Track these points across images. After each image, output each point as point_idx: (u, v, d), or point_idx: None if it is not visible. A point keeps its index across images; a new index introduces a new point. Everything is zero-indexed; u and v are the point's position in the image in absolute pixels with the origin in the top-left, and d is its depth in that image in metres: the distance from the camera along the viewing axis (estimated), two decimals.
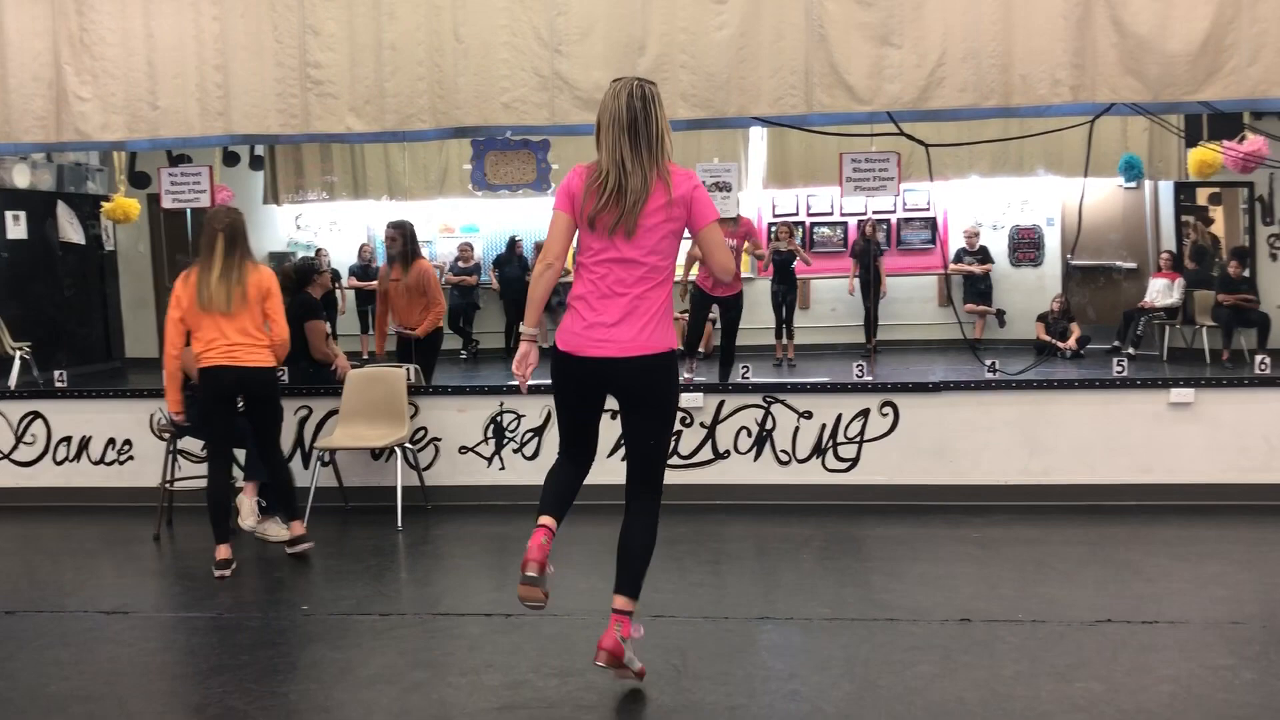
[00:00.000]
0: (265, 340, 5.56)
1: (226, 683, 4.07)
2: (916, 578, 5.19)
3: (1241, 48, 5.85)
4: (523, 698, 3.86)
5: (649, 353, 3.77)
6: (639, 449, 3.91)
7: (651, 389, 3.84)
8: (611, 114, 3.74)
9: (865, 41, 6.10)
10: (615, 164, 3.72)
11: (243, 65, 6.46)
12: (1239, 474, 6.38)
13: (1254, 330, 11.37)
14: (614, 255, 3.75)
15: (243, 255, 5.53)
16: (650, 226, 3.73)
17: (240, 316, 5.47)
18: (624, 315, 3.75)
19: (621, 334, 3.75)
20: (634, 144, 3.71)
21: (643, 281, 3.76)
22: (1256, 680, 3.86)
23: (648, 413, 3.86)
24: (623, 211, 3.70)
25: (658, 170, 3.74)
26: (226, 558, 5.48)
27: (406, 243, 7.79)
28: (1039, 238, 14.12)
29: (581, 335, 3.79)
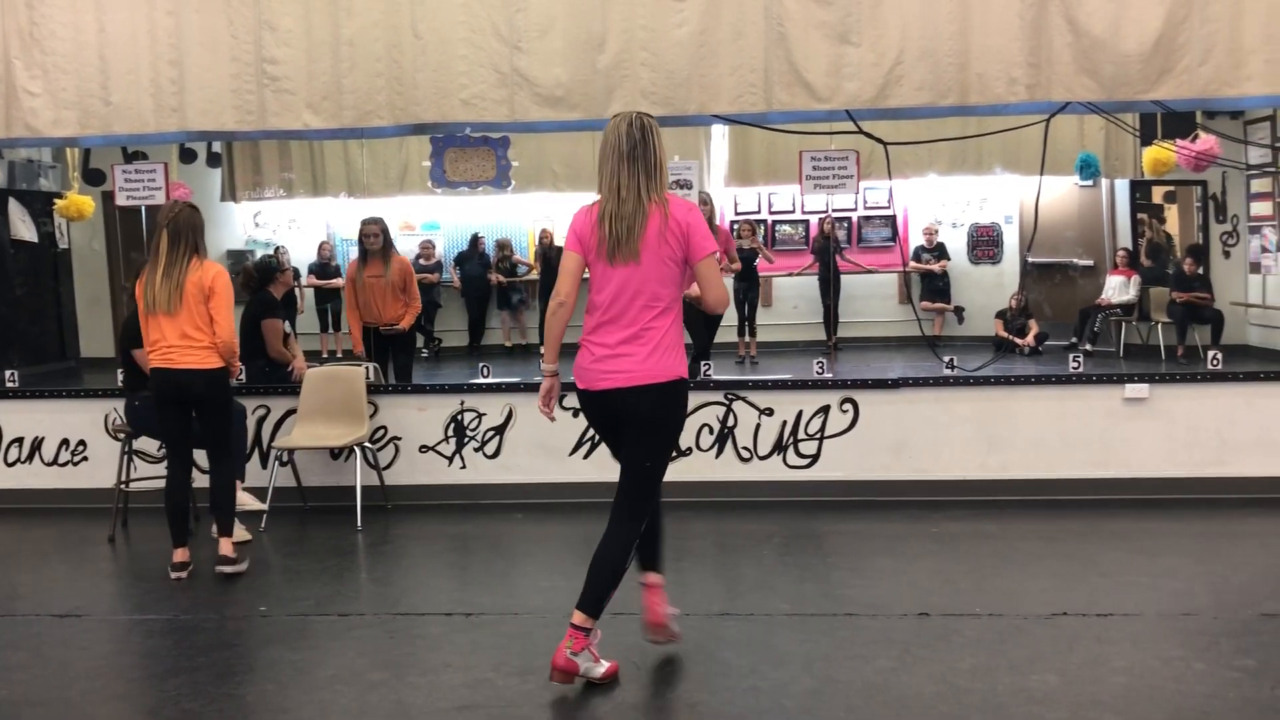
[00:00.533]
0: (206, 341, 5.31)
1: (182, 685, 4.02)
2: (876, 573, 5.23)
3: (1193, 48, 5.94)
4: (482, 697, 3.85)
5: (657, 381, 3.81)
6: (633, 467, 3.93)
7: (656, 416, 3.87)
8: (611, 144, 3.84)
9: (824, 40, 6.13)
10: (612, 190, 3.80)
11: (197, 61, 6.39)
12: (1192, 468, 6.48)
13: (1208, 327, 11.54)
14: (618, 285, 3.80)
15: (188, 252, 5.29)
16: (650, 253, 3.77)
17: (180, 317, 5.26)
18: (631, 345, 3.81)
19: (628, 364, 3.81)
20: (631, 170, 3.79)
21: (647, 310, 3.80)
22: (1207, 670, 3.92)
23: (650, 438, 3.90)
24: (621, 237, 3.76)
25: (655, 198, 3.79)
26: (183, 561, 5.37)
27: (387, 239, 7.82)
28: (997, 235, 14.26)
29: (592, 370, 3.88)
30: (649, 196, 3.79)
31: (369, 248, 7.78)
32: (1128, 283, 12.39)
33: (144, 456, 6.79)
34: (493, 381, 7.05)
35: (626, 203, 3.77)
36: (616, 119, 3.89)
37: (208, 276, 5.31)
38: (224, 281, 5.37)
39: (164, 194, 6.97)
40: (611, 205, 3.79)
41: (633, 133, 3.82)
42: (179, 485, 5.50)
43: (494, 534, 6.22)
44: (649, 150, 3.82)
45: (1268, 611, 4.49)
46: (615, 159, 3.82)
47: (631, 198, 3.77)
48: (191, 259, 5.30)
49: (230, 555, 5.40)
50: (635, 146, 3.80)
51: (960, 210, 14.30)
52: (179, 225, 5.30)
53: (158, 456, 6.83)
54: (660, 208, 3.79)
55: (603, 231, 3.79)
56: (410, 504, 6.72)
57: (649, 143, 3.83)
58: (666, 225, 3.77)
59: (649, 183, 3.80)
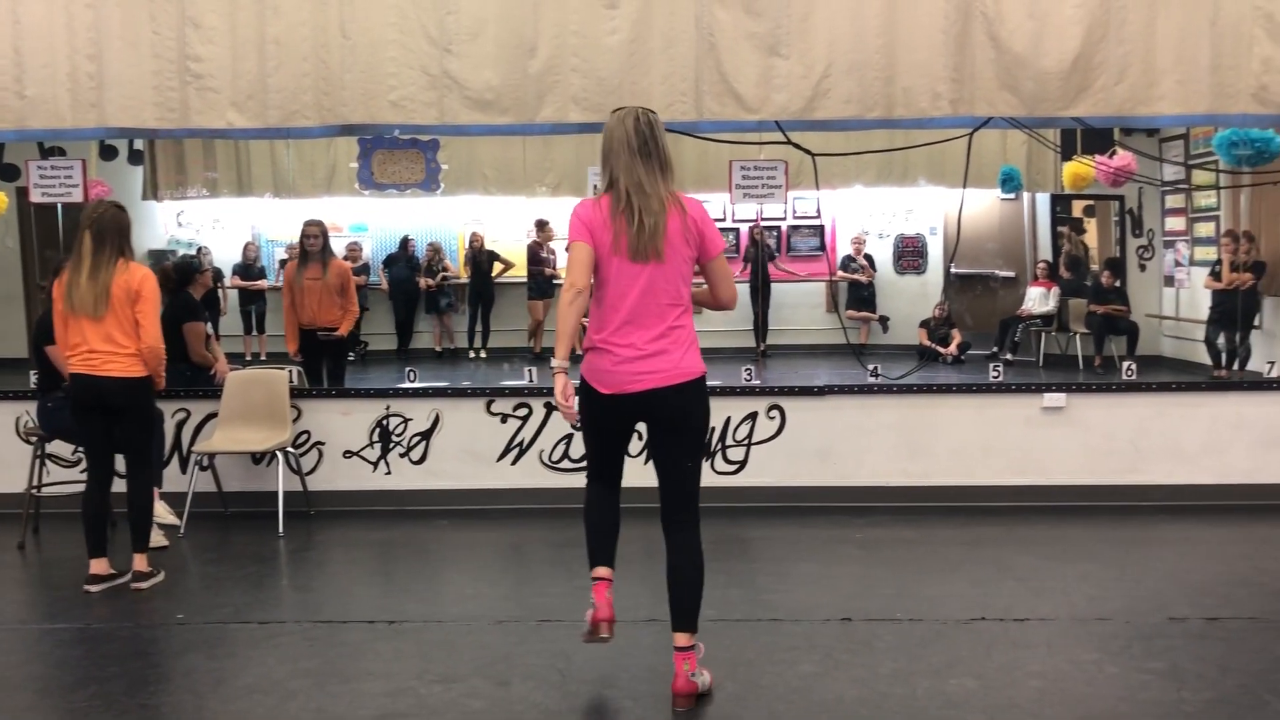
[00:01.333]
0: (131, 347, 5.13)
1: (93, 696, 3.92)
2: (800, 578, 5.28)
3: (1109, 67, 6.10)
4: (405, 706, 3.81)
5: (690, 378, 3.73)
6: (677, 471, 3.82)
7: (691, 414, 3.80)
8: (621, 140, 3.72)
9: (754, 51, 6.18)
10: (634, 186, 3.68)
11: (118, 56, 6.24)
12: (1107, 476, 6.64)
13: (1124, 338, 11.86)
14: (643, 283, 3.69)
15: (113, 253, 5.11)
16: (674, 251, 3.70)
17: (105, 321, 5.07)
18: (661, 343, 3.70)
19: (661, 363, 3.69)
20: (648, 166, 3.70)
21: (673, 308, 3.73)
22: (1119, 674, 4.02)
23: (687, 436, 3.81)
24: (649, 234, 3.65)
25: (670, 194, 3.73)
26: (99, 573, 5.16)
27: (327, 241, 7.83)
28: (922, 246, 14.51)
29: (617, 372, 3.71)
30: (667, 192, 3.72)
31: (309, 249, 7.76)
32: (1047, 294, 12.68)
33: (57, 460, 6.60)
34: (420, 386, 6.99)
35: (653, 199, 3.67)
36: (620, 114, 3.78)
37: (135, 280, 5.12)
38: (151, 285, 5.19)
39: (82, 191, 6.80)
40: (639, 200, 3.66)
41: (641, 129, 3.72)
42: (97, 494, 5.28)
43: (419, 541, 6.16)
44: (660, 146, 3.74)
45: (1176, 615, 4.63)
46: (628, 154, 3.70)
47: (655, 195, 3.68)
48: (117, 261, 5.11)
49: (144, 570, 5.21)
50: (646, 142, 3.71)
51: (886, 221, 14.54)
52: (103, 226, 5.11)
53: (71, 460, 6.65)
54: (676, 204, 3.73)
55: (622, 226, 3.67)
56: (334, 510, 6.63)
57: (659, 139, 3.75)
58: (685, 222, 3.72)
59: (665, 178, 3.73)
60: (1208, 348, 10.62)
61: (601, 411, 3.79)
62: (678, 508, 3.83)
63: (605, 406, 3.76)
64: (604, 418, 3.82)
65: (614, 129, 3.76)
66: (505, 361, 13.36)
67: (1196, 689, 3.86)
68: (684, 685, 3.72)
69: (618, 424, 3.84)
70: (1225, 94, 6.08)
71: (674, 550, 3.83)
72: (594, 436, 3.91)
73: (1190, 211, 12.17)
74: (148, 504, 5.39)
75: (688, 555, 3.81)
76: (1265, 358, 8.58)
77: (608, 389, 3.73)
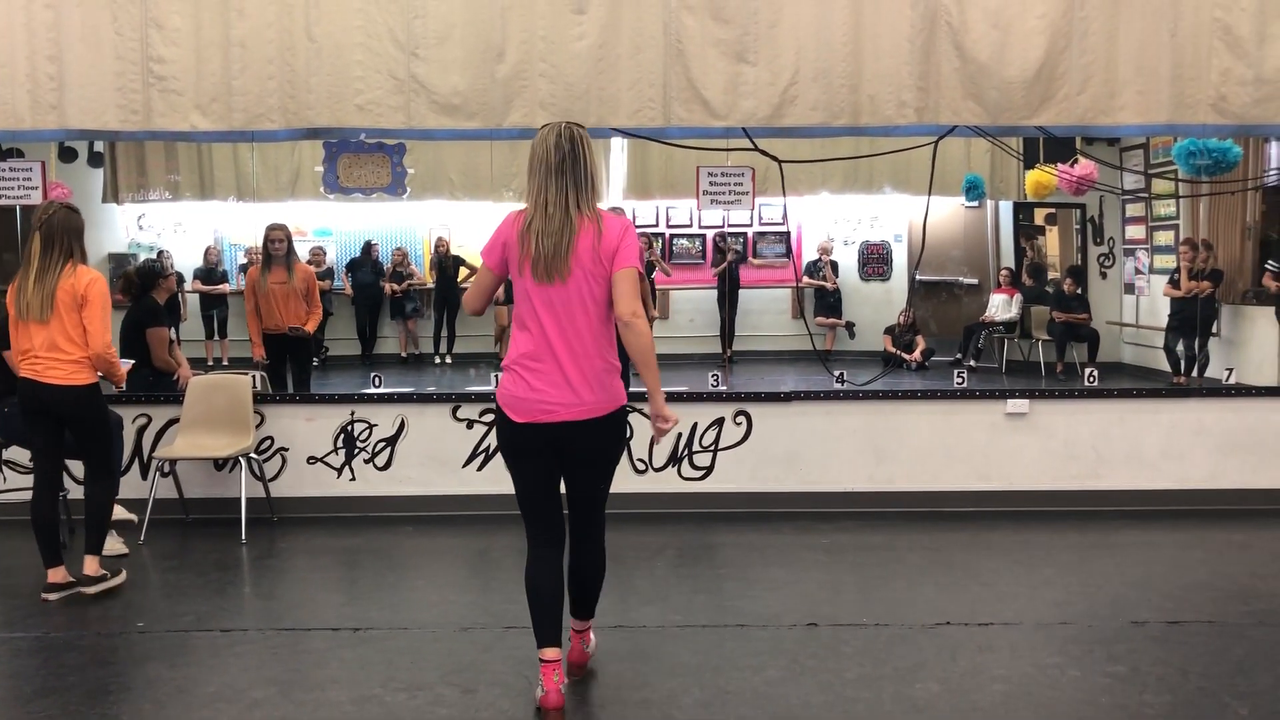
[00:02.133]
0: (78, 354, 5.00)
1: (51, 706, 3.86)
2: (767, 584, 5.29)
3: (1072, 77, 6.17)
4: (370, 714, 3.78)
5: (602, 413, 3.67)
6: (588, 496, 3.84)
7: (608, 446, 3.79)
8: (540, 156, 3.65)
9: (721, 58, 6.20)
10: (539, 205, 3.61)
11: (79, 57, 6.15)
12: (1069, 481, 6.71)
13: (1085, 345, 12.01)
14: (552, 305, 3.60)
15: (62, 256, 4.97)
16: (582, 269, 3.58)
17: (50, 326, 4.94)
18: (574, 373, 3.61)
19: (576, 395, 3.61)
20: (560, 184, 3.61)
21: (584, 331, 3.62)
22: (1081, 677, 4.06)
23: (601, 467, 3.81)
24: (548, 254, 3.57)
25: (586, 213, 3.62)
26: (58, 581, 5.05)
27: (291, 245, 7.83)
28: (887, 253, 14.62)
29: (530, 400, 3.62)
30: (579, 211, 3.60)
31: (273, 253, 7.73)
32: (1010, 301, 12.81)
33: (14, 467, 6.50)
34: (385, 391, 6.94)
35: (553, 219, 3.58)
36: (545, 130, 3.69)
37: (81, 283, 4.99)
38: (98, 289, 5.04)
39: (41, 194, 6.70)
40: (538, 221, 3.59)
41: (562, 145, 3.63)
42: (45, 502, 5.15)
43: (384, 547, 6.11)
44: (579, 163, 3.63)
45: (1138, 619, 4.68)
46: (544, 172, 3.63)
47: (559, 214, 3.58)
48: (66, 264, 4.99)
49: (94, 575, 5.10)
50: (565, 159, 3.62)
51: (852, 228, 14.64)
52: (52, 228, 4.99)
53: (28, 467, 6.53)
54: (594, 224, 3.61)
55: (528, 247, 3.59)
56: (297, 516, 6.57)
57: (579, 155, 3.64)
58: (600, 242, 3.59)
59: (578, 196, 3.61)
60: (1167, 355, 10.77)
61: (517, 447, 3.73)
62: (587, 522, 3.88)
63: (521, 440, 3.70)
64: (518, 441, 3.72)
65: (536, 145, 3.68)
66: (471, 367, 13.31)
67: (1158, 692, 3.91)
68: (579, 655, 4.05)
69: (531, 450, 3.71)
70: (1185, 104, 6.16)
71: (581, 552, 3.91)
72: (516, 467, 3.78)
73: (1150, 220, 12.34)
74: (107, 509, 5.29)
75: (592, 557, 3.93)
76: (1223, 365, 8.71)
77: (520, 417, 3.66)
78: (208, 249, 13.56)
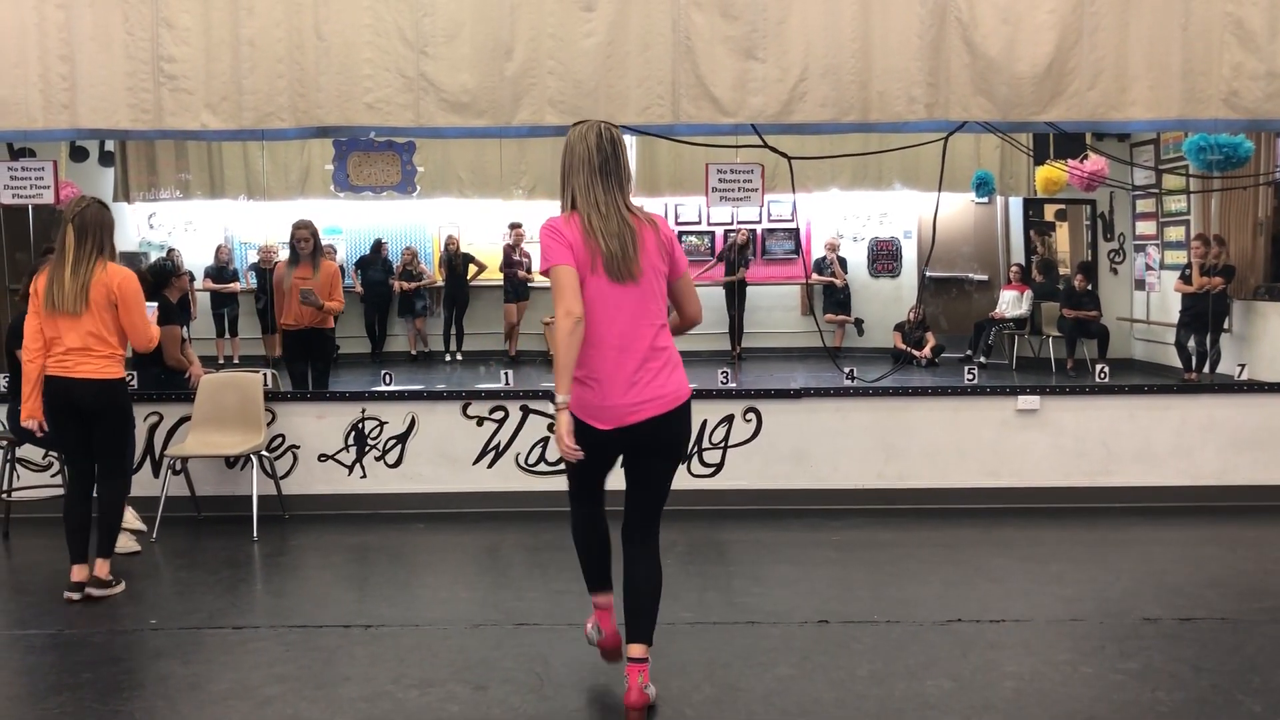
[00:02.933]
0: (109, 350, 5.02)
1: (65, 702, 3.88)
2: (777, 581, 5.29)
3: (1082, 72, 6.15)
4: (382, 710, 3.79)
5: (682, 402, 3.65)
6: (654, 490, 3.76)
7: (683, 437, 3.75)
8: (581, 157, 3.62)
9: (730, 55, 6.20)
10: (591, 205, 3.58)
11: (90, 57, 6.18)
12: (1080, 478, 6.70)
13: (1095, 341, 11.97)
14: (627, 306, 3.58)
15: (95, 250, 4.98)
16: (651, 267, 3.61)
17: (84, 321, 4.95)
18: (651, 368, 3.60)
19: (655, 390, 3.59)
20: (607, 185, 3.60)
21: (657, 329, 3.63)
22: (1094, 674, 4.05)
23: (673, 457, 3.76)
24: (617, 255, 3.55)
25: (634, 212, 3.63)
26: (82, 580, 5.03)
27: (318, 243, 7.87)
28: (896, 250, 14.59)
29: (613, 407, 3.57)
30: (629, 210, 3.62)
31: (300, 251, 7.77)
32: (1020, 297, 12.78)
33: (27, 465, 6.54)
34: (395, 389, 6.95)
35: (610, 219, 3.56)
36: (583, 128, 3.66)
37: (113, 282, 5.00)
38: (132, 287, 5.07)
39: (53, 193, 6.73)
40: (597, 221, 3.56)
41: (604, 145, 3.61)
42: (79, 499, 5.14)
43: (395, 544, 6.13)
44: (620, 163, 3.64)
45: (1149, 616, 4.67)
46: (588, 172, 3.60)
47: (614, 214, 3.57)
48: (97, 259, 5.00)
49: (105, 578, 5.09)
50: (608, 160, 3.60)
51: (861, 225, 14.61)
52: (86, 221, 5.00)
53: (42, 465, 6.59)
54: (648, 224, 3.64)
55: (596, 248, 3.55)
56: (308, 514, 6.59)
57: (619, 155, 3.64)
58: (661, 241, 3.64)
59: (624, 196, 3.63)
60: (1178, 351, 10.73)
61: (596, 446, 3.62)
62: (647, 520, 3.77)
63: (602, 441, 3.62)
64: (598, 451, 3.63)
65: (574, 145, 3.64)
66: (481, 364, 13.33)
67: (1170, 689, 3.90)
68: (638, 698, 3.63)
69: (612, 455, 3.73)
70: (1196, 99, 6.14)
71: (637, 560, 3.75)
72: (586, 468, 3.67)
73: (1161, 216, 12.30)
74: (119, 510, 5.29)
75: (650, 565, 3.76)
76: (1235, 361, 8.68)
77: (606, 425, 3.59)
78: (219, 247, 13.60)
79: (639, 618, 3.71)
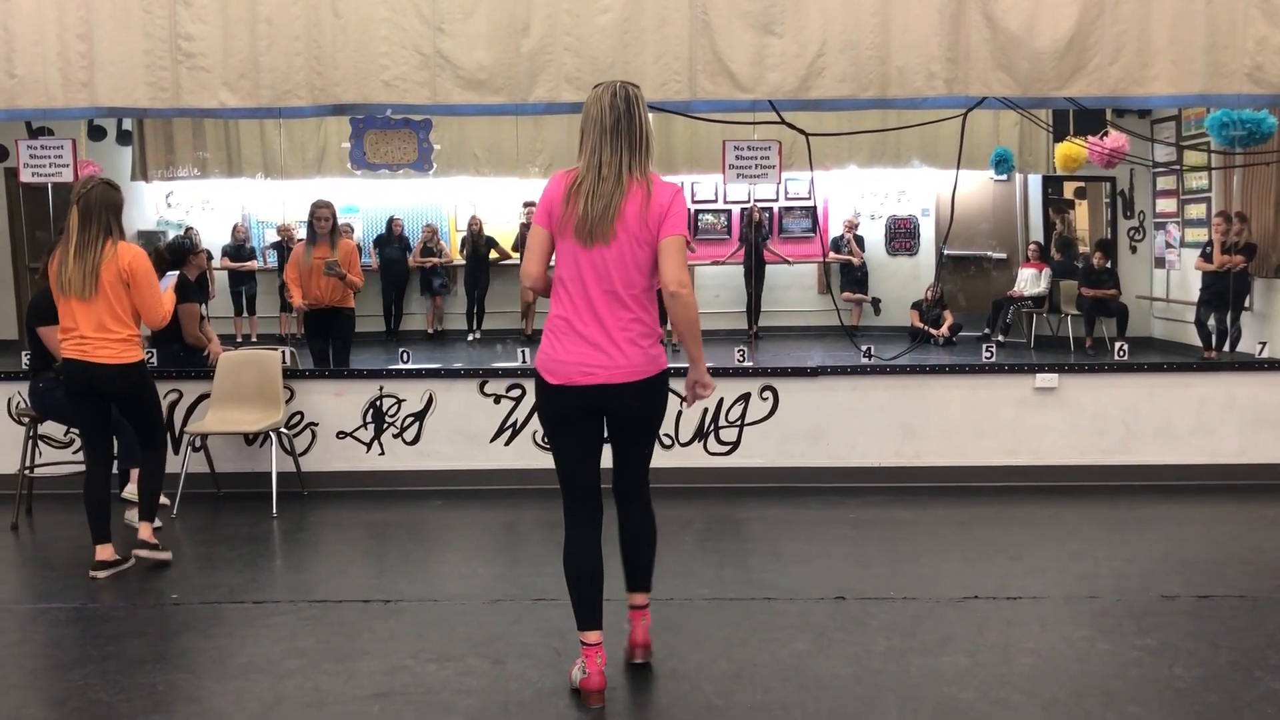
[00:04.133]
0: (124, 332, 5.01)
1: (90, 674, 3.92)
2: (793, 558, 5.30)
3: (1104, 47, 6.09)
4: (400, 684, 3.82)
5: (642, 376, 3.59)
6: (635, 460, 3.80)
7: (650, 410, 3.73)
8: (594, 116, 3.56)
9: (747, 30, 6.16)
10: (592, 166, 3.52)
11: (108, 35, 6.20)
12: (1098, 456, 6.67)
13: (1115, 319, 11.89)
14: (592, 268, 3.52)
15: (101, 232, 4.94)
16: (627, 233, 3.51)
17: (96, 305, 4.94)
18: (615, 335, 3.55)
19: (613, 358, 3.55)
20: (615, 145, 3.52)
21: (624, 296, 3.54)
22: (1111, 651, 4.05)
23: (642, 431, 3.77)
24: (596, 216, 3.48)
25: (638, 175, 3.54)
26: (105, 559, 5.07)
27: (336, 222, 7.91)
28: (914, 228, 14.51)
29: (568, 363, 3.56)
30: (631, 173, 3.52)
31: (318, 230, 7.81)
32: (1039, 275, 12.70)
33: (49, 441, 6.59)
34: (413, 367, 6.98)
35: (606, 181, 3.50)
36: (599, 89, 3.60)
37: (124, 262, 4.97)
38: (142, 265, 5.05)
39: (72, 171, 6.76)
40: (590, 182, 3.51)
41: (617, 104, 3.53)
42: (98, 480, 5.18)
43: (413, 521, 6.17)
44: (634, 123, 3.54)
45: (1167, 593, 4.66)
46: (597, 132, 3.53)
47: (612, 175, 3.50)
48: (105, 241, 4.96)
49: (151, 540, 5.20)
50: (620, 120, 3.52)
51: (879, 203, 14.53)
52: (90, 203, 4.96)
53: (63, 441, 6.64)
54: (643, 187, 3.53)
55: (575, 208, 3.51)
56: (327, 491, 6.63)
57: (634, 115, 3.55)
58: (648, 206, 3.52)
59: (632, 158, 3.53)
60: (1197, 329, 10.66)
61: (550, 401, 3.65)
62: (635, 481, 3.85)
63: (553, 396, 3.63)
64: (554, 407, 3.66)
65: (590, 104, 3.59)
66: (498, 343, 13.35)
67: (1188, 665, 3.89)
68: (644, 636, 3.88)
69: (570, 416, 3.65)
70: (1220, 74, 6.08)
71: (629, 516, 3.85)
72: (555, 437, 3.71)
73: (1181, 193, 12.19)
74: (160, 477, 5.35)
75: (641, 518, 3.87)
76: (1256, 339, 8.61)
77: (557, 379, 3.59)
78: (235, 226, 13.64)
79: (636, 568, 3.88)
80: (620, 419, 3.70)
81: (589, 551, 3.73)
